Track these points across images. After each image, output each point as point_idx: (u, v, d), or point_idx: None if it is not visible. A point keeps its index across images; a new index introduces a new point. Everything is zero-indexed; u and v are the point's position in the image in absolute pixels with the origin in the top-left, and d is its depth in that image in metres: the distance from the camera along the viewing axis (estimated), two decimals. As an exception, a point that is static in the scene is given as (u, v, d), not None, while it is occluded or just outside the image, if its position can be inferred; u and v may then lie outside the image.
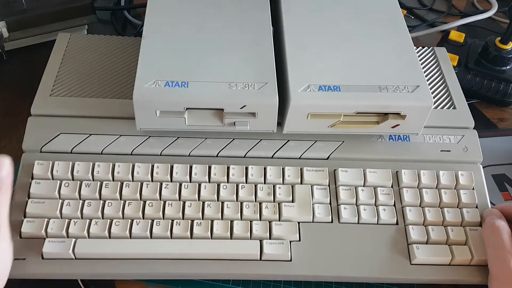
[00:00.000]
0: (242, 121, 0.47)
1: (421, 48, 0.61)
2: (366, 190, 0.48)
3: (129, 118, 0.49)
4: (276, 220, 0.46)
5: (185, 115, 0.47)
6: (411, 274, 0.44)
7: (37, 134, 0.49)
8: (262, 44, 0.49)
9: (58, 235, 0.44)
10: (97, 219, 0.45)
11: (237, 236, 0.45)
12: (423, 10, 0.80)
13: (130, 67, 0.55)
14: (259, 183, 0.48)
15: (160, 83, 0.45)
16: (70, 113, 0.50)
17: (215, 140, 0.50)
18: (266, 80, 0.46)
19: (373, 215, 0.47)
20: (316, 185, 0.48)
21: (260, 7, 0.53)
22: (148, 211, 0.45)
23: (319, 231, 0.46)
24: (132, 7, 0.76)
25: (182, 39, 0.49)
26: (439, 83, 0.57)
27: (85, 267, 0.43)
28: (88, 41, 0.58)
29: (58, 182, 0.46)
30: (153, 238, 0.44)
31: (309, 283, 0.46)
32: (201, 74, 0.46)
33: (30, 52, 0.66)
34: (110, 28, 0.73)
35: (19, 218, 0.44)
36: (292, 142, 0.50)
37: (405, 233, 0.46)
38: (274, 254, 0.44)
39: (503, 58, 0.63)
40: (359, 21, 0.53)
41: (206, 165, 0.48)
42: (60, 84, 0.52)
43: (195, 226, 0.45)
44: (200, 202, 0.46)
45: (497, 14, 0.78)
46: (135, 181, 0.47)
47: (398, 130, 0.49)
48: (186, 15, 0.52)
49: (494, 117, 0.64)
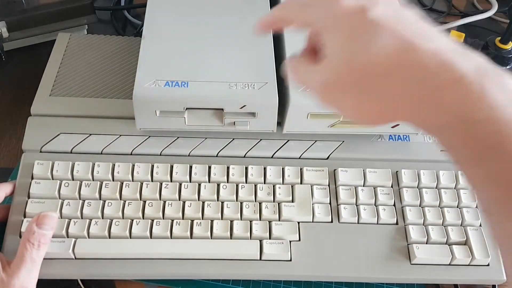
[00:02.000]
0: (242, 121, 0.47)
1: (421, 48, 0.61)
2: (366, 190, 0.48)
3: (129, 118, 0.49)
4: (276, 220, 0.46)
5: (185, 115, 0.47)
6: (411, 274, 0.44)
7: (37, 134, 0.49)
8: (262, 44, 0.49)
9: (58, 235, 0.44)
10: (97, 219, 0.45)
11: (237, 236, 0.45)
12: (423, 10, 0.80)
13: (130, 67, 0.55)
14: (259, 183, 0.48)
15: (160, 83, 0.45)
16: (70, 113, 0.50)
17: (215, 140, 0.50)
18: (266, 80, 0.46)
19: (373, 215, 0.47)
20: (316, 185, 0.48)
21: (260, 7, 0.53)
22: (148, 211, 0.45)
23: (319, 231, 0.46)
24: (132, 7, 0.75)
25: (182, 39, 0.49)
26: (439, 83, 0.57)
27: (85, 267, 0.43)
28: (88, 41, 0.58)
29: (58, 182, 0.46)
30: (153, 238, 0.44)
31: (309, 283, 0.46)
32: (201, 74, 0.46)
33: (30, 52, 0.66)
34: (110, 28, 0.72)
35: (19, 218, 0.44)
36: (292, 142, 0.50)
37: (405, 233, 0.46)
38: (274, 254, 0.44)
39: (503, 58, 0.63)
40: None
41: (206, 165, 0.48)
42: (60, 84, 0.52)
43: (195, 226, 0.45)
44: (200, 202, 0.46)
45: (497, 14, 0.78)
46: (135, 181, 0.47)
47: (398, 129, 0.49)
48: (186, 15, 0.52)
49: (494, 117, 0.64)
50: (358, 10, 0.27)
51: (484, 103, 0.24)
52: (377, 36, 0.27)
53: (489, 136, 0.24)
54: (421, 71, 0.25)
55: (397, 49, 0.26)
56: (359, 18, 0.27)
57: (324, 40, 0.29)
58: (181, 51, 0.48)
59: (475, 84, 0.24)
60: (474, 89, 0.24)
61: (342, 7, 0.28)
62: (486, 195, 0.25)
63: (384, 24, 0.27)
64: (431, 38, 0.26)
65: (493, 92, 0.24)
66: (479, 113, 0.24)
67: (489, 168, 0.24)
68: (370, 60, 0.27)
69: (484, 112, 0.24)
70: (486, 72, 0.25)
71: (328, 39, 0.29)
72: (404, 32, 0.26)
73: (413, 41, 0.26)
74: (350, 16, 0.28)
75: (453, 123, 0.25)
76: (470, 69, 0.25)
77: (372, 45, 0.27)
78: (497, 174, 0.24)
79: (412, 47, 0.26)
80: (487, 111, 0.24)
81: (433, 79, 0.25)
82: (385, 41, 0.26)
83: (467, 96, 0.24)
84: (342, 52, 0.28)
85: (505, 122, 0.23)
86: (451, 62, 0.25)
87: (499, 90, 0.24)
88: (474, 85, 0.24)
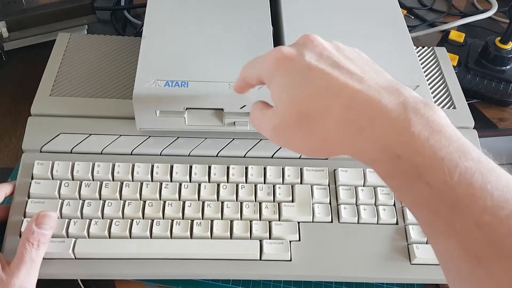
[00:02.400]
0: (242, 121, 0.47)
1: (421, 48, 0.61)
2: (366, 190, 0.48)
3: (129, 118, 0.49)
4: (276, 220, 0.46)
5: (185, 115, 0.47)
6: (411, 274, 0.44)
7: (37, 134, 0.49)
8: (262, 44, 0.49)
9: (58, 235, 0.44)
10: (97, 219, 0.45)
11: (237, 236, 0.45)
12: (423, 10, 0.80)
13: (130, 67, 0.55)
14: (259, 183, 0.48)
15: (160, 83, 0.45)
16: (70, 113, 0.50)
17: (215, 140, 0.50)
18: (266, 80, 0.46)
19: (373, 215, 0.47)
20: (316, 185, 0.48)
21: (260, 7, 0.53)
22: (148, 211, 0.45)
23: (319, 231, 0.46)
24: (132, 7, 0.76)
25: (182, 39, 0.49)
26: (439, 83, 0.57)
27: (85, 267, 0.43)
28: (88, 41, 0.58)
29: (58, 182, 0.46)
30: (153, 238, 0.44)
31: (309, 283, 0.46)
32: (201, 74, 0.46)
33: (30, 52, 0.66)
34: (110, 28, 0.73)
35: (19, 218, 0.44)
36: (292, 142, 0.50)
37: (405, 233, 0.46)
38: (274, 254, 0.44)
39: (503, 58, 0.63)
40: (359, 21, 0.53)
41: (206, 165, 0.48)
42: (60, 84, 0.52)
43: (195, 226, 0.45)
44: (200, 202, 0.46)
45: (497, 14, 0.78)
46: (135, 181, 0.47)
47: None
48: (186, 15, 0.52)
49: (494, 117, 0.64)
50: (293, 56, 0.31)
51: (408, 137, 0.26)
52: (309, 79, 0.30)
53: (411, 169, 0.26)
54: (350, 110, 0.28)
55: (327, 91, 0.29)
56: (295, 63, 0.31)
57: (270, 88, 0.33)
58: (181, 51, 0.48)
59: (400, 119, 0.26)
60: (397, 123, 0.26)
61: (281, 57, 0.31)
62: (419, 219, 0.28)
63: (316, 68, 0.30)
64: (360, 78, 0.29)
65: (417, 126, 0.26)
66: (401, 147, 0.26)
67: (415, 196, 0.26)
68: (305, 103, 0.30)
69: (406, 145, 0.26)
70: (411, 107, 0.27)
71: (272, 86, 0.32)
72: (334, 75, 0.29)
73: (343, 82, 0.29)
74: (287, 62, 0.31)
75: (380, 158, 0.27)
76: (395, 106, 0.27)
77: (305, 89, 0.30)
78: (422, 201, 0.26)
79: (342, 87, 0.29)
80: (409, 144, 0.26)
81: (361, 116, 0.27)
82: (317, 83, 0.29)
83: (390, 130, 0.26)
84: (283, 98, 0.31)
85: (425, 155, 0.25)
86: (377, 99, 0.27)
87: (422, 124, 0.26)
88: (398, 120, 0.26)
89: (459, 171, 0.25)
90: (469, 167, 0.25)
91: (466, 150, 0.26)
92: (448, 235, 0.25)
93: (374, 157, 0.28)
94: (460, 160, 0.25)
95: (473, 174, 0.25)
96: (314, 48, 0.32)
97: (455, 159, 0.25)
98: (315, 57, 0.31)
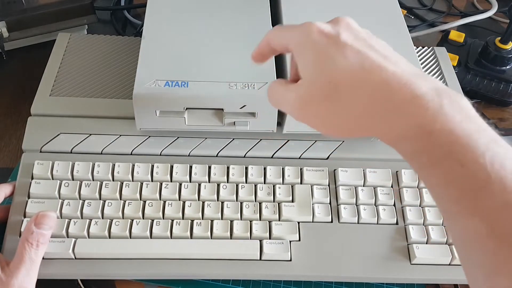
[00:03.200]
0: (242, 121, 0.47)
1: (421, 48, 0.61)
2: (366, 190, 0.48)
3: (129, 118, 0.49)
4: (276, 220, 0.46)
5: (185, 115, 0.47)
6: (411, 274, 0.44)
7: (37, 134, 0.49)
8: (262, 44, 0.49)
9: (58, 235, 0.44)
10: (97, 219, 0.45)
11: (237, 236, 0.45)
12: (423, 10, 0.80)
13: (130, 67, 0.55)
14: (259, 183, 0.48)
15: (160, 83, 0.45)
16: (70, 113, 0.50)
17: (215, 140, 0.50)
18: (266, 80, 0.46)
19: (373, 215, 0.47)
20: (316, 185, 0.48)
21: (260, 7, 0.53)
22: (148, 211, 0.45)
23: (319, 231, 0.46)
24: (132, 7, 0.76)
25: (182, 39, 0.49)
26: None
27: (85, 267, 0.43)
28: (88, 41, 0.58)
29: (58, 182, 0.46)
30: (153, 238, 0.44)
31: (309, 283, 0.46)
32: (201, 74, 0.46)
33: (30, 52, 0.66)
34: (110, 28, 0.73)
35: (19, 218, 0.44)
36: (292, 142, 0.50)
37: (405, 233, 0.46)
38: (274, 254, 0.44)
39: (503, 58, 0.63)
40: (359, 21, 0.52)
41: (206, 165, 0.48)
42: (60, 84, 0.52)
43: (195, 226, 0.45)
44: (200, 202, 0.46)
45: (497, 14, 0.78)
46: (135, 181, 0.47)
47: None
48: (186, 15, 0.52)
49: (494, 117, 0.64)
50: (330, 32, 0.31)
51: (442, 117, 0.27)
52: (345, 55, 0.30)
53: (443, 146, 0.27)
54: (384, 89, 0.28)
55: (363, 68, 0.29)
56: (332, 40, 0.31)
57: (298, 59, 0.32)
58: (181, 51, 0.48)
59: (434, 101, 0.27)
60: (433, 105, 0.27)
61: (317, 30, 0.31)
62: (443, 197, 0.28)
63: (352, 46, 0.30)
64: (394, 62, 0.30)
65: (450, 110, 0.27)
66: (437, 125, 0.27)
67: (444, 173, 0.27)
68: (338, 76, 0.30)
69: (440, 124, 0.27)
70: (444, 93, 0.28)
71: (301, 57, 0.32)
72: (370, 55, 0.30)
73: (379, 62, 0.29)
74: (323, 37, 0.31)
75: (411, 134, 0.28)
76: (429, 89, 0.28)
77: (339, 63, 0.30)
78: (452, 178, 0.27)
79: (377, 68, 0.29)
80: (443, 124, 0.27)
81: (396, 95, 0.28)
82: (352, 60, 0.30)
83: (427, 110, 0.27)
84: (314, 69, 0.31)
85: (459, 134, 0.26)
86: (412, 82, 0.28)
87: (454, 109, 0.27)
88: (433, 102, 0.27)
89: (491, 153, 0.26)
90: (500, 152, 0.26)
91: (496, 137, 0.27)
92: (473, 213, 0.26)
93: (403, 134, 0.28)
94: (491, 144, 0.26)
95: (504, 158, 0.26)
96: (350, 30, 0.32)
97: (487, 143, 0.26)
98: (352, 37, 0.31)
